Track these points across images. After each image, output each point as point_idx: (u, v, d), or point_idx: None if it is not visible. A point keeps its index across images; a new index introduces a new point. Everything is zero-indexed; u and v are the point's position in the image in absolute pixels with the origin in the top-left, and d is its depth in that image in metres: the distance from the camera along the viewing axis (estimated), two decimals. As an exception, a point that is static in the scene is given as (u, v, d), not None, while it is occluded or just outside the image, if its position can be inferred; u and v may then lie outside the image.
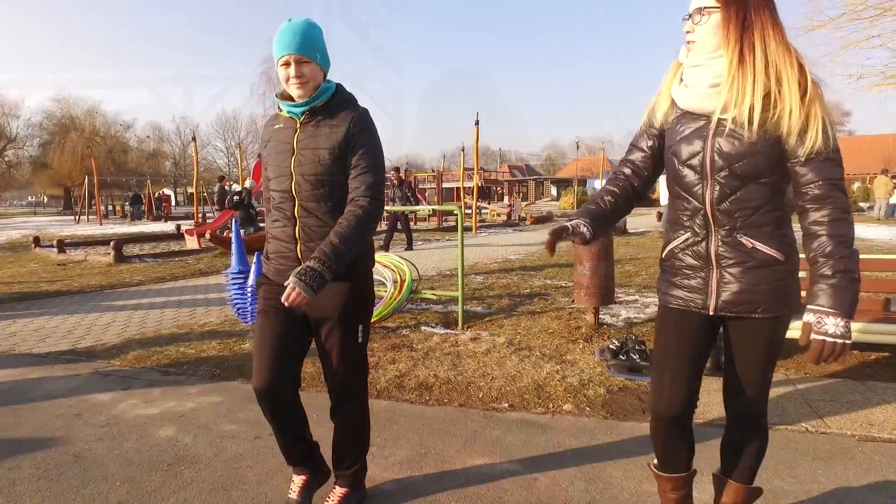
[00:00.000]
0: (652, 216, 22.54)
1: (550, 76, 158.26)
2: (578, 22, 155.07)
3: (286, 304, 1.77)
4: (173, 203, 43.14)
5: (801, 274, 1.80)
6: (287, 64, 1.92)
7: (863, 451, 2.79)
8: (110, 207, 38.90)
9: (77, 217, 29.93)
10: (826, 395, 3.50)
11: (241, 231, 10.15)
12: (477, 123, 17.52)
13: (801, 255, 1.63)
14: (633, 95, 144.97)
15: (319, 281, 1.80)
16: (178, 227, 17.48)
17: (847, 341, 1.45)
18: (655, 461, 2.03)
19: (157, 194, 34.22)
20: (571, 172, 54.28)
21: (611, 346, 4.00)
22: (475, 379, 3.82)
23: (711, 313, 1.72)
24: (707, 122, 1.63)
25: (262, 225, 13.69)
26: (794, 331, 1.90)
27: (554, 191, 57.41)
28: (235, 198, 11.78)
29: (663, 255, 1.84)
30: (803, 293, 1.57)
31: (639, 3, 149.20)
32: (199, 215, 16.71)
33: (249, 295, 5.24)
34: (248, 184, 11.86)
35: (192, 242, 12.99)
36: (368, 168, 1.98)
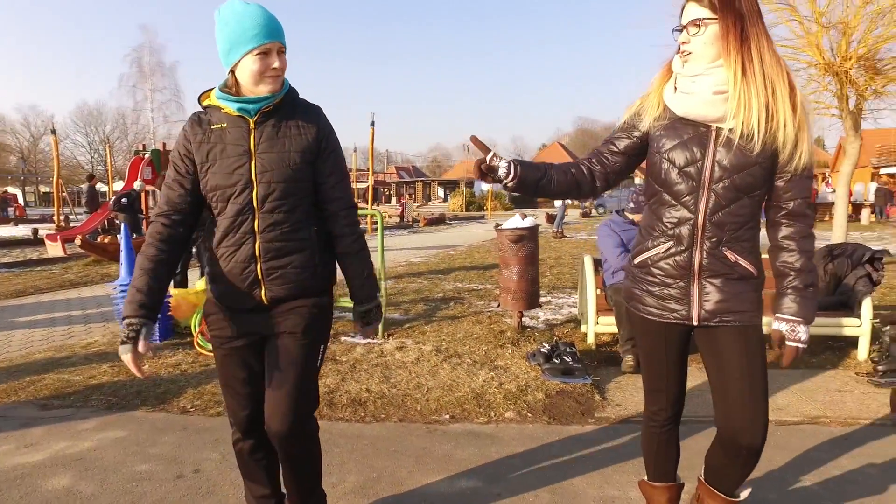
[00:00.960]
0: (540, 217, 23.62)
1: (436, 77, 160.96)
2: (459, 24, 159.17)
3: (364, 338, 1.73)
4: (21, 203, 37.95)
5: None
6: (266, 53, 1.66)
7: (780, 435, 3.04)
8: (-63, 209, 33.37)
9: None
10: (737, 385, 3.79)
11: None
12: (372, 124, 17.24)
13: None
14: (517, 100, 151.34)
15: (379, 312, 1.97)
16: (36, 231, 15.34)
17: (807, 343, 1.68)
18: (646, 476, 2.05)
19: (0, 193, 29.94)
20: (459, 174, 55.43)
21: (542, 350, 4.05)
22: (410, 391, 3.68)
23: (695, 323, 1.74)
24: (707, 130, 1.64)
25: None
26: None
27: (441, 192, 58.31)
28: (123, 200, 10.47)
29: (636, 262, 1.83)
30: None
31: (523, 8, 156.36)
32: (62, 218, 14.74)
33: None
34: (136, 185, 10.62)
35: (55, 249, 11.44)
36: (344, 175, 1.84)
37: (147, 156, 10.93)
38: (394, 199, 49.94)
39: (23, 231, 18.20)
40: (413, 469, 2.70)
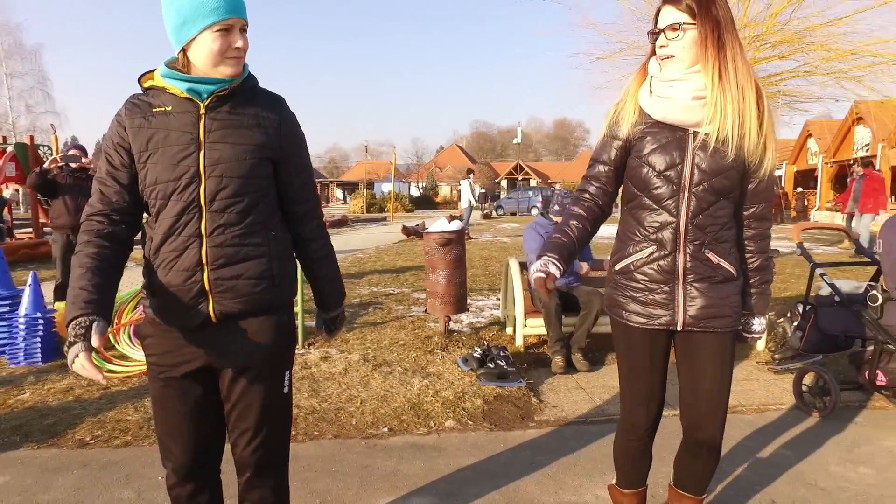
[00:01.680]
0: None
1: (331, 76, 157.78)
2: (355, 21, 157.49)
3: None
4: None
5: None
6: (228, 30, 1.43)
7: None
8: None
9: None
10: (658, 380, 3.98)
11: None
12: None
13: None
14: (415, 101, 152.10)
15: (343, 316, 1.90)
16: None
17: (764, 333, 1.87)
18: (616, 480, 2.03)
19: None
20: (358, 175, 54.67)
21: (475, 355, 4.00)
22: (343, 404, 3.48)
23: (679, 328, 1.75)
24: (685, 134, 1.65)
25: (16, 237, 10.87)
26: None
27: (340, 194, 57.18)
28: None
29: (617, 269, 1.81)
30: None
31: (418, 13, 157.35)
32: None
33: (23, 328, 4.04)
34: (7, 193, 9.15)
35: None
36: (311, 175, 1.65)
37: (9, 150, 9.58)
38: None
39: None
40: (359, 490, 2.53)
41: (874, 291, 3.13)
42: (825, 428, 3.18)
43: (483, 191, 30.72)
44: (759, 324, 1.83)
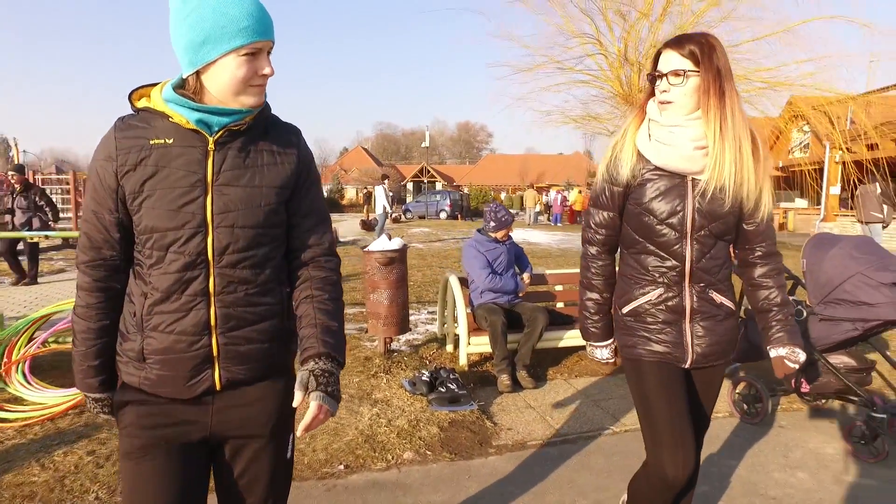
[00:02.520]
0: (354, 223, 23.41)
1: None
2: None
3: (306, 432, 1.26)
4: None
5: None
6: (255, 54, 1.24)
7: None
8: None
9: None
10: (603, 393, 4.09)
11: None
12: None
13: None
14: (318, 102, 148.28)
15: (338, 386, 1.34)
16: None
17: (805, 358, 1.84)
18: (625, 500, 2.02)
19: None
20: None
21: (423, 378, 3.90)
22: (290, 442, 3.23)
23: (686, 367, 1.78)
24: (683, 181, 1.68)
25: None
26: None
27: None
28: None
29: (625, 311, 1.82)
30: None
31: (324, 9, 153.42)
32: None
33: None
34: None
35: None
36: (323, 217, 1.46)
37: None
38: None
39: None
40: (328, 543, 2.35)
41: (799, 307, 3.39)
42: (758, 434, 3.42)
43: (391, 194, 30.49)
44: (802, 354, 1.80)
